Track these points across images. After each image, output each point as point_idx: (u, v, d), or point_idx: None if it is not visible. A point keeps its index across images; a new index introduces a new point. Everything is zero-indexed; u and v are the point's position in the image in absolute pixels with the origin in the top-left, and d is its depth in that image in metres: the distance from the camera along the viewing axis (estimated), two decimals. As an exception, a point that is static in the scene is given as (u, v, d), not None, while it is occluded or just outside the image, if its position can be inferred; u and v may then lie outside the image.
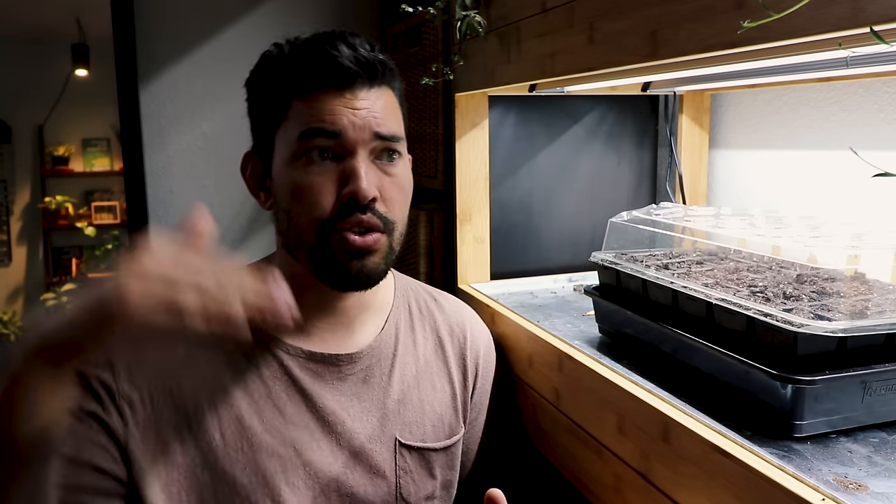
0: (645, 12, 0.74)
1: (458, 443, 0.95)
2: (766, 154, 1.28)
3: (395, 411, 0.88)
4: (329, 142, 0.79)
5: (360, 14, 2.11)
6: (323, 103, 0.79)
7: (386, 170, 0.82)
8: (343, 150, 0.79)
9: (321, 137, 0.78)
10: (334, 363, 0.85)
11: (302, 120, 0.79)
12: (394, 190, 0.82)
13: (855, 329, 0.68)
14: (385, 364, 0.89)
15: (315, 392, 0.83)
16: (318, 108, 0.79)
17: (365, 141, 0.80)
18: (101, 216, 4.28)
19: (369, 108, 0.80)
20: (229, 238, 2.04)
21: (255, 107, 0.87)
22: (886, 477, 0.61)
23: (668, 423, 0.73)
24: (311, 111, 0.79)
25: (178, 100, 2.00)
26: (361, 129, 0.79)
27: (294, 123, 0.80)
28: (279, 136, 0.82)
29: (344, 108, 0.79)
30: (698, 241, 1.03)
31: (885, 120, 1.05)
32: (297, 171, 0.80)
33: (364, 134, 0.79)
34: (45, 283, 4.23)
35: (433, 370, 0.94)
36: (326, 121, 0.78)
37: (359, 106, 0.79)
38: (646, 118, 1.42)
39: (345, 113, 0.79)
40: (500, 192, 1.33)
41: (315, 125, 0.78)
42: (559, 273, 1.37)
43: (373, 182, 0.79)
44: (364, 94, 0.80)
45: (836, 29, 0.53)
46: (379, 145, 0.81)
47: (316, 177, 0.79)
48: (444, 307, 1.01)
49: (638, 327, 0.90)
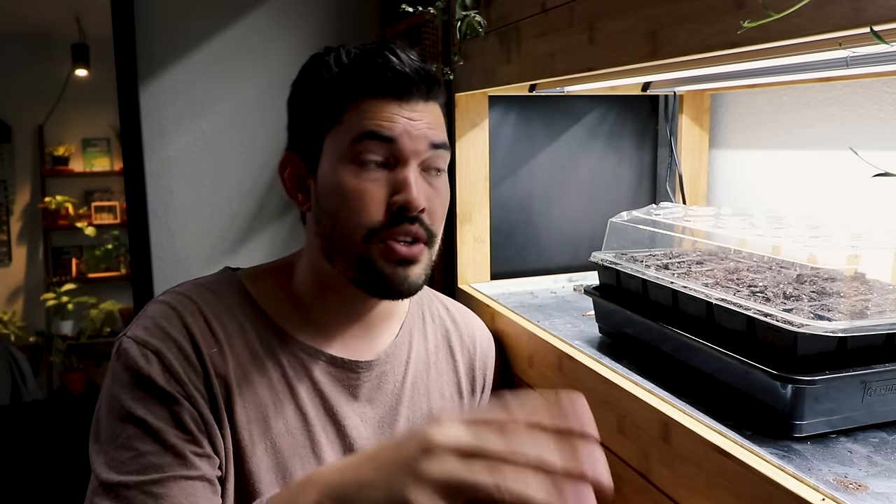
0: (645, 12, 0.74)
1: None
2: (766, 154, 1.28)
3: (406, 418, 0.89)
4: (382, 148, 0.78)
5: (360, 14, 2.11)
6: (380, 109, 0.79)
7: (432, 182, 0.83)
8: (395, 160, 0.79)
9: (376, 142, 0.78)
10: (353, 369, 0.86)
11: (357, 124, 0.79)
12: (438, 203, 0.83)
13: (855, 329, 0.68)
14: (399, 371, 0.90)
15: (333, 396, 0.84)
16: (375, 114, 0.79)
17: (418, 152, 0.80)
18: (101, 216, 4.27)
19: (424, 120, 0.80)
20: (229, 238, 2.04)
21: (304, 108, 0.85)
22: (886, 477, 0.61)
23: (668, 423, 0.73)
24: (367, 116, 0.79)
25: (178, 100, 2.00)
26: (416, 138, 0.79)
27: (348, 127, 0.79)
28: (329, 140, 0.81)
29: (401, 117, 0.79)
30: (698, 241, 1.03)
31: (885, 120, 1.05)
32: (348, 175, 0.79)
33: (418, 144, 0.79)
34: (45, 283, 4.22)
35: (443, 377, 0.95)
36: (384, 126, 0.78)
37: (416, 117, 0.80)
38: (646, 118, 1.42)
39: (402, 121, 0.79)
40: (500, 192, 1.33)
41: (371, 129, 0.78)
42: (559, 273, 1.37)
43: (423, 194, 0.80)
44: (421, 105, 0.81)
45: (836, 29, 0.53)
46: (430, 156, 0.81)
47: (367, 183, 0.78)
48: (456, 317, 1.02)
49: (638, 327, 0.90)
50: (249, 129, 2.05)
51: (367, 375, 0.87)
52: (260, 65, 2.03)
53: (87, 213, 4.27)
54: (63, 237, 4.29)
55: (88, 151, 4.30)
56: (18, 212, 4.24)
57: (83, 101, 4.19)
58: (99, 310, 4.06)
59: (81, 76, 4.08)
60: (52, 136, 4.22)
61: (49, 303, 4.04)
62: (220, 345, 0.78)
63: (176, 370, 0.75)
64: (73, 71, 4.05)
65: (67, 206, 4.22)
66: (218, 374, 0.77)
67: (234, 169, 2.05)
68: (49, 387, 3.94)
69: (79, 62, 4.02)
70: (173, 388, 0.74)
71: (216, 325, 0.79)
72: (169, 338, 0.76)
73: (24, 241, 4.27)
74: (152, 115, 1.99)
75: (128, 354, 0.75)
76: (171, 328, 0.77)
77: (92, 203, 4.29)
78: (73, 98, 4.18)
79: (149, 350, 0.75)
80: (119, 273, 4.25)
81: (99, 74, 4.02)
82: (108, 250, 4.26)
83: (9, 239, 4.21)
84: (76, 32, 3.99)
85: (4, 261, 4.20)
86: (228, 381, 0.77)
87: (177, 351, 0.76)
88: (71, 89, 4.16)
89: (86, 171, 4.29)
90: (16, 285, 4.25)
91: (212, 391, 0.76)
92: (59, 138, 4.23)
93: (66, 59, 4.04)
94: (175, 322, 0.78)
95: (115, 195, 4.32)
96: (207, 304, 0.80)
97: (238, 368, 0.79)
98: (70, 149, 4.25)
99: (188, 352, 0.76)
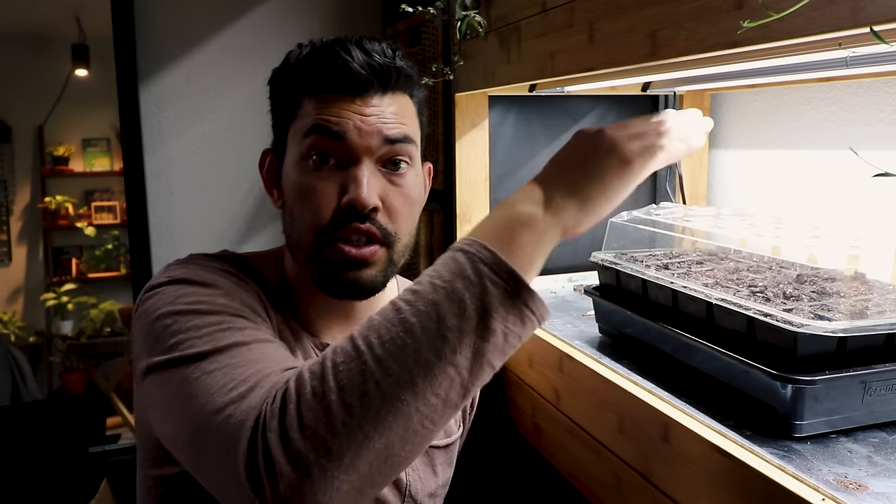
0: (645, 12, 0.74)
1: (456, 442, 0.95)
2: (766, 154, 1.28)
3: None
4: (334, 144, 0.78)
5: (361, 14, 2.11)
6: (332, 105, 0.78)
7: (392, 179, 0.80)
8: (348, 158, 0.78)
9: (325, 137, 0.78)
10: None
11: (310, 118, 0.78)
12: (398, 200, 0.79)
13: (855, 329, 0.68)
14: None
15: None
16: (327, 109, 0.78)
17: (371, 148, 0.78)
18: (101, 216, 4.27)
19: (378, 115, 0.78)
20: (229, 238, 2.04)
21: (273, 103, 0.86)
22: (886, 477, 0.61)
23: (668, 423, 0.73)
24: (319, 110, 0.78)
25: (178, 100, 2.00)
26: (368, 134, 0.77)
27: (303, 122, 0.79)
28: (290, 134, 0.81)
29: (352, 113, 0.77)
30: (698, 241, 1.03)
31: (885, 120, 1.05)
32: (303, 173, 0.78)
33: (371, 140, 0.77)
34: (45, 283, 4.22)
35: None
36: (332, 122, 0.77)
37: (368, 112, 0.78)
38: (646, 118, 1.42)
39: (352, 117, 0.77)
40: (500, 192, 1.33)
41: (319, 123, 0.77)
42: (559, 273, 1.37)
43: (375, 191, 0.77)
44: (376, 100, 0.78)
45: (836, 29, 0.53)
46: (387, 151, 0.79)
47: (320, 181, 0.77)
48: None
49: (638, 327, 0.90)
50: (249, 129, 2.05)
51: None
52: (260, 65, 2.02)
53: (87, 213, 4.27)
54: (63, 237, 4.29)
55: (88, 151, 4.30)
56: (18, 212, 4.24)
57: (83, 101, 4.19)
58: (99, 310, 4.05)
59: (81, 76, 4.08)
60: (52, 136, 4.22)
61: (49, 303, 4.05)
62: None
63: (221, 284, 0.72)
64: (73, 71, 4.05)
65: (67, 206, 4.22)
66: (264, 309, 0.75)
67: (235, 169, 2.05)
68: (49, 387, 3.94)
69: (79, 62, 4.02)
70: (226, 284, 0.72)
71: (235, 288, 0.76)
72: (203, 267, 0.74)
73: (24, 241, 4.27)
74: (152, 115, 1.99)
75: (159, 279, 0.73)
76: (202, 265, 0.75)
77: (92, 203, 4.30)
78: (73, 98, 4.18)
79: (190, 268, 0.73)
80: (119, 273, 4.26)
81: (99, 74, 4.02)
82: (108, 250, 4.26)
83: (9, 239, 4.21)
84: (76, 32, 3.99)
85: (4, 261, 4.20)
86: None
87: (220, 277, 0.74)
88: (71, 89, 4.16)
89: (86, 171, 4.29)
90: (16, 285, 4.25)
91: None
92: (59, 138, 4.23)
93: (66, 59, 4.04)
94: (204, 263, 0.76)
95: (115, 195, 4.32)
96: (220, 271, 0.78)
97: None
98: (70, 149, 4.25)
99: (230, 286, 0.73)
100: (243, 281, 0.77)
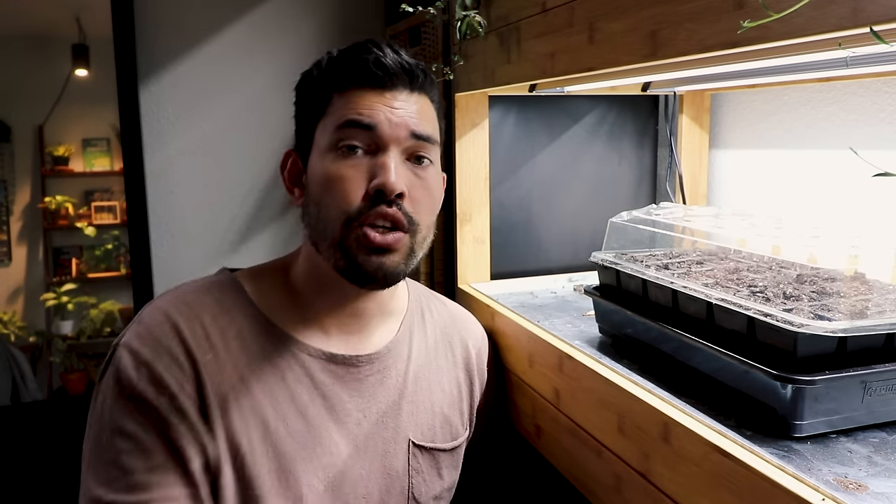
0: (645, 12, 0.74)
1: (462, 445, 0.96)
2: (766, 154, 1.28)
3: (409, 412, 0.89)
4: (364, 135, 0.80)
5: (361, 14, 2.11)
6: (362, 98, 0.81)
7: (417, 172, 0.83)
8: (377, 147, 0.81)
9: (357, 129, 0.80)
10: (354, 364, 0.86)
11: (340, 113, 0.81)
12: (422, 192, 0.83)
13: (855, 329, 0.68)
14: (400, 366, 0.90)
15: (335, 394, 0.84)
16: (357, 103, 0.81)
17: (399, 139, 0.81)
18: (101, 216, 4.27)
19: (407, 109, 0.82)
20: (229, 238, 2.04)
21: (300, 105, 0.88)
22: (886, 477, 0.61)
23: (668, 423, 0.73)
24: (349, 105, 0.81)
25: (178, 100, 2.00)
26: (397, 126, 0.80)
27: (333, 118, 0.82)
28: (318, 131, 0.84)
29: (382, 105, 0.81)
30: (698, 241, 1.03)
31: (885, 120, 1.05)
32: (331, 162, 0.81)
33: (399, 131, 0.81)
34: (45, 283, 4.22)
35: (443, 373, 0.96)
36: (364, 114, 0.80)
37: (396, 105, 0.81)
38: (646, 118, 1.42)
39: (382, 109, 0.80)
40: (500, 192, 1.33)
41: (352, 117, 0.80)
42: (559, 273, 1.37)
43: (402, 179, 0.80)
44: (404, 96, 0.82)
45: (836, 29, 0.53)
46: (413, 146, 0.82)
47: (348, 169, 0.80)
48: (454, 314, 1.03)
49: (638, 327, 0.90)
50: (249, 129, 2.05)
51: (370, 369, 0.87)
52: (260, 65, 2.03)
53: (87, 213, 4.26)
54: (63, 237, 4.28)
55: (88, 151, 4.30)
56: (18, 212, 4.24)
57: (83, 101, 4.19)
58: (99, 310, 4.05)
59: (81, 76, 4.07)
60: (52, 136, 4.22)
61: (49, 303, 4.04)
62: (215, 351, 0.78)
63: (167, 382, 0.74)
64: (73, 71, 4.05)
65: (67, 206, 4.22)
66: (213, 382, 0.77)
67: (234, 169, 2.05)
68: (49, 387, 3.94)
69: (79, 62, 4.01)
70: (164, 403, 0.74)
71: (213, 329, 0.79)
72: (161, 347, 0.76)
73: (24, 241, 4.26)
74: (152, 115, 1.98)
75: (120, 364, 0.75)
76: (164, 337, 0.77)
77: (92, 203, 4.29)
78: (73, 98, 4.18)
79: (140, 361, 0.75)
80: (119, 273, 4.25)
81: (99, 74, 4.02)
82: (108, 250, 4.26)
83: (9, 239, 4.20)
84: (76, 32, 3.99)
85: (4, 261, 4.20)
86: (224, 388, 0.77)
87: (168, 361, 0.75)
88: (71, 89, 4.15)
89: (86, 171, 4.28)
90: (16, 285, 4.24)
91: (204, 400, 0.76)
92: (59, 138, 4.23)
93: (66, 59, 4.03)
94: (168, 330, 0.77)
95: (115, 195, 4.31)
96: (205, 308, 0.80)
97: (235, 374, 0.78)
98: (70, 149, 4.24)
99: (181, 361, 0.76)
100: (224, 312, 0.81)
